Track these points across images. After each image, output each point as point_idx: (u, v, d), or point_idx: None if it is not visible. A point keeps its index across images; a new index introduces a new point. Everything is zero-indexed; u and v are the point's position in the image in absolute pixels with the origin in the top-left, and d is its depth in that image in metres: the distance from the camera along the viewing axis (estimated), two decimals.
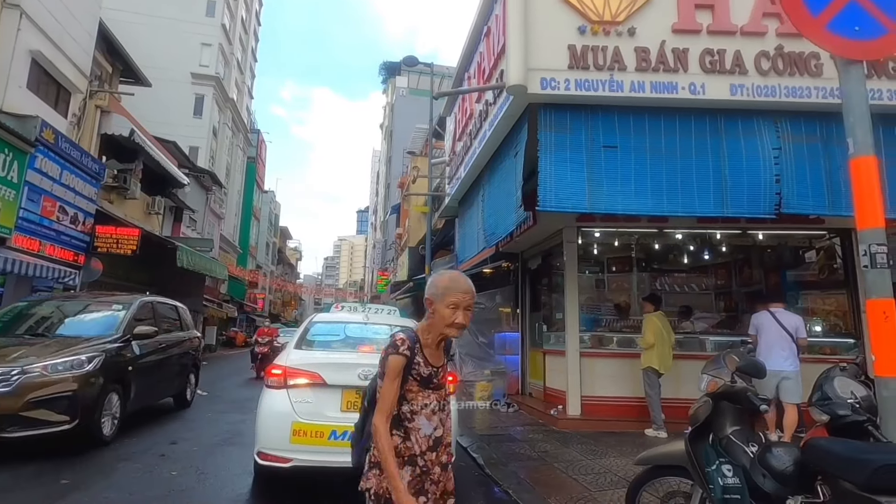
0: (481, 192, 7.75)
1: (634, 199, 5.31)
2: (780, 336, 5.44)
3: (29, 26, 11.56)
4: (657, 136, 5.42)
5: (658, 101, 5.36)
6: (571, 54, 5.31)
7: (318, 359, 4.08)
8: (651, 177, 5.33)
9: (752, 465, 2.29)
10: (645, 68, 5.33)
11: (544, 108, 5.43)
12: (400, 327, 5.13)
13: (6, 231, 10.21)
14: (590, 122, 5.42)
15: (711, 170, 5.35)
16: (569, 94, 5.29)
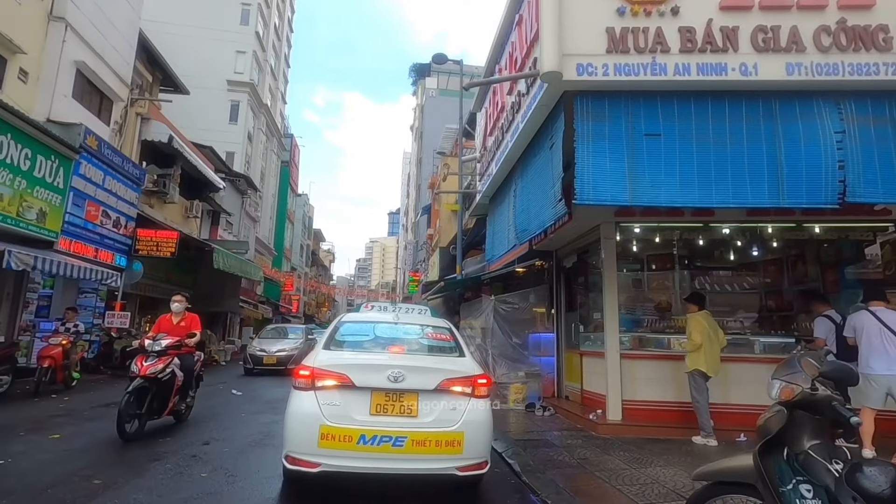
0: (513, 187, 7.49)
1: (680, 191, 4.95)
2: (887, 336, 4.88)
3: (73, 38, 12.02)
4: (704, 121, 5.05)
5: (705, 84, 4.99)
6: (609, 38, 5.01)
7: (347, 359, 3.93)
8: (698, 166, 4.96)
9: (838, 486, 1.98)
10: (690, 49, 4.97)
11: (581, 95, 5.14)
12: (432, 327, 4.97)
13: (53, 235, 10.61)
14: (630, 109, 5.10)
15: (766, 157, 4.94)
16: (607, 80, 4.99)
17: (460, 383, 3.83)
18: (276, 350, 14.63)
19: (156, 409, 5.80)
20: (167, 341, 5.91)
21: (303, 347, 14.38)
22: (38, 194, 10.07)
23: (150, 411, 5.69)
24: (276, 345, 15.03)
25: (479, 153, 9.81)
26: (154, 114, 16.44)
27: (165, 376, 5.77)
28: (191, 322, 6.55)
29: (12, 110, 9.30)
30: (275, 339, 15.88)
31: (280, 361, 14.22)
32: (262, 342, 15.49)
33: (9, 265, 7.95)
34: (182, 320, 6.53)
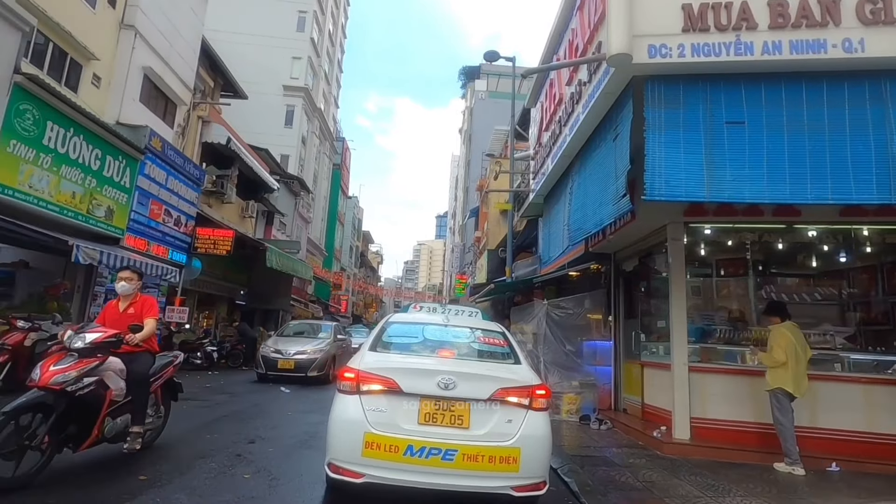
0: (569, 185, 7.04)
1: (767, 186, 4.38)
2: None
3: (142, 45, 12.61)
4: (797, 107, 4.45)
5: (800, 63, 4.40)
6: (687, 14, 4.51)
7: (394, 363, 3.68)
8: (790, 157, 4.37)
9: None
10: (782, 25, 4.39)
11: (652, 80, 4.67)
12: (484, 330, 4.65)
13: (119, 231, 11.12)
14: (709, 95, 4.58)
15: (874, 147, 4.29)
16: (683, 62, 4.50)
17: (517, 393, 3.49)
18: (295, 352, 11.74)
19: (72, 437, 3.83)
20: (95, 335, 3.97)
21: (329, 350, 12.24)
22: (107, 193, 10.58)
23: (59, 441, 3.74)
24: (295, 345, 12.08)
25: (532, 150, 9.39)
26: (214, 117, 17.10)
27: (82, 389, 3.73)
28: (143, 307, 4.63)
29: (86, 113, 9.81)
30: (296, 339, 12.72)
31: (299, 366, 11.47)
32: (279, 342, 12.44)
33: (77, 259, 8.33)
34: (131, 305, 4.62)
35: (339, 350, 12.96)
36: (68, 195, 9.50)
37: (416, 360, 3.82)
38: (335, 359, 12.31)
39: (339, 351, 12.82)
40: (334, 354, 12.41)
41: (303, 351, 11.88)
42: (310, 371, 11.49)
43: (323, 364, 11.74)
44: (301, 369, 11.49)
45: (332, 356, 12.22)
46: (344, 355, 13.22)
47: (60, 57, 10.49)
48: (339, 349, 13.01)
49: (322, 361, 11.80)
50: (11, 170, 8.24)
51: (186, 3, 14.70)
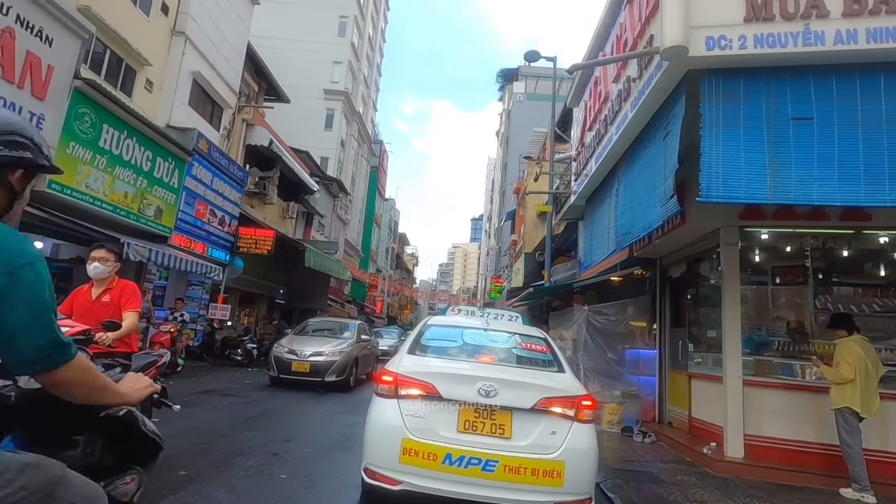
0: (615, 186, 6.77)
1: (839, 187, 4.02)
2: None
3: (191, 50, 13.08)
4: (874, 101, 4.07)
5: (878, 53, 4.02)
6: (749, 4, 4.21)
7: (433, 367, 3.56)
8: (865, 156, 4.00)
9: None
10: (857, 12, 4.03)
11: (709, 74, 4.39)
12: (526, 336, 4.48)
13: (167, 230, 11.53)
14: (773, 89, 4.25)
15: None
16: (744, 55, 4.20)
17: (561, 403, 3.31)
18: (311, 353, 10.14)
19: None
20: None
21: (350, 352, 10.63)
22: (157, 193, 10.99)
23: None
24: (312, 346, 10.46)
25: (575, 151, 9.11)
26: (257, 120, 17.57)
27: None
28: (121, 295, 3.75)
29: (140, 117, 10.24)
30: (314, 338, 11.12)
31: (315, 370, 9.93)
32: (294, 341, 10.82)
33: (127, 256, 8.66)
34: (107, 292, 3.74)
35: (364, 352, 11.69)
36: (121, 195, 9.92)
37: (455, 364, 3.70)
38: (358, 362, 11.01)
39: (362, 353, 11.49)
40: (357, 357, 10.94)
41: (320, 352, 10.22)
42: (327, 375, 9.93)
43: (343, 367, 10.26)
44: (317, 373, 9.93)
45: (353, 359, 10.73)
46: (368, 358, 12.23)
47: (117, 63, 11.00)
48: (364, 351, 11.70)
49: (342, 364, 10.24)
50: (70, 170, 8.65)
51: (233, 9, 15.18)
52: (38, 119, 7.91)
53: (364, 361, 11.65)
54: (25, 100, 7.70)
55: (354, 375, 10.76)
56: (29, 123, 1.47)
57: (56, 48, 8.16)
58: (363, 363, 11.57)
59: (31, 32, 7.76)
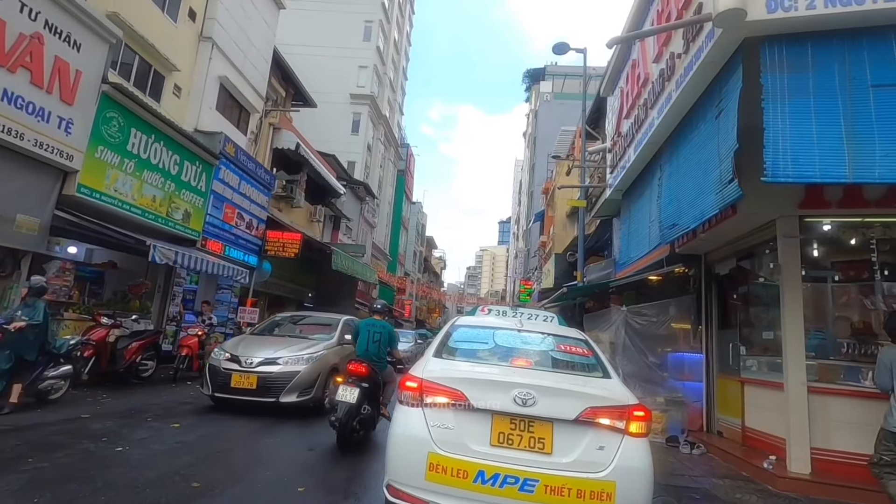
0: (657, 175, 6.25)
1: None
2: None
3: (218, 55, 13.15)
4: None
5: None
6: None
7: (462, 372, 3.19)
8: None
9: None
10: None
11: (770, 41, 3.89)
12: (564, 337, 4.06)
13: (196, 234, 11.55)
14: (847, 54, 3.72)
15: None
16: (812, 16, 3.69)
17: (610, 414, 2.88)
18: (261, 362, 6.76)
19: None
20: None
21: (323, 360, 7.24)
22: (185, 196, 11.02)
23: None
24: (266, 350, 7.04)
25: (610, 142, 8.60)
26: (284, 123, 17.62)
27: None
28: None
29: (167, 121, 10.27)
30: (273, 340, 7.67)
31: (265, 386, 6.60)
32: (243, 343, 7.42)
33: (154, 259, 8.62)
34: None
35: (344, 359, 7.39)
36: (149, 199, 9.95)
37: (486, 369, 3.31)
38: (338, 373, 7.09)
39: (342, 361, 7.41)
40: (334, 366, 7.43)
41: (274, 359, 6.80)
42: (284, 394, 6.56)
43: (309, 382, 6.84)
44: (268, 391, 6.57)
45: (329, 369, 7.29)
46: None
47: (146, 69, 11.10)
48: (343, 359, 7.49)
49: (308, 378, 6.81)
50: (99, 174, 8.70)
51: (259, 14, 15.25)
52: (66, 123, 7.97)
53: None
54: (54, 104, 7.75)
55: (330, 394, 6.88)
56: None
57: (84, 53, 8.21)
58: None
59: (60, 38, 7.82)
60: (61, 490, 3.31)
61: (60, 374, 6.49)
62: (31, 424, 5.13)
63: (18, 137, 7.21)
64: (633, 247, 7.50)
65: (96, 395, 7.07)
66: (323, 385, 7.18)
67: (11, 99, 7.11)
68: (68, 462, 3.95)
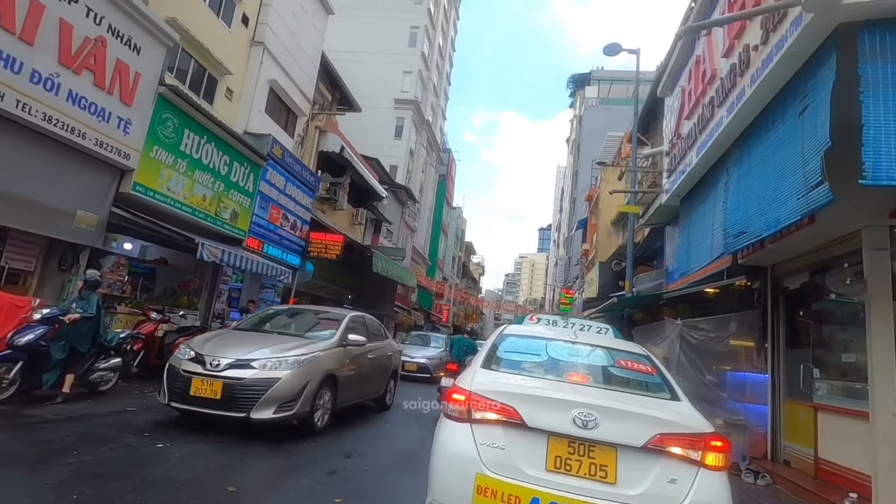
0: (723, 179, 5.78)
1: None
2: None
3: (269, 60, 13.45)
4: None
5: None
6: None
7: (515, 387, 2.92)
8: None
9: None
10: None
11: (870, 26, 3.44)
12: (624, 352, 3.72)
13: (242, 233, 11.77)
14: None
15: None
16: None
17: (683, 443, 2.55)
18: (230, 365, 5.22)
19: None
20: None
21: (316, 363, 5.66)
22: (233, 196, 11.26)
23: None
24: (239, 349, 5.53)
25: (668, 144, 8.10)
26: (330, 127, 17.88)
27: None
28: None
29: (220, 123, 10.54)
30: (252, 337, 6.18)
31: (232, 396, 5.03)
32: (214, 340, 5.90)
33: (202, 256, 8.80)
34: None
35: (347, 364, 6.36)
36: (199, 198, 10.20)
37: (541, 384, 3.03)
38: (337, 382, 6.03)
39: (345, 366, 6.28)
40: (331, 373, 5.90)
41: (247, 362, 5.27)
42: (256, 408, 5.01)
43: (292, 393, 5.24)
44: (235, 402, 5.02)
45: (323, 376, 5.68)
46: (374, 376, 7.40)
47: (200, 73, 11.45)
48: (346, 364, 6.33)
49: (290, 388, 5.21)
50: (153, 173, 8.97)
51: (309, 19, 15.54)
52: (125, 124, 8.25)
53: (349, 380, 6.44)
54: (114, 105, 8.04)
55: (325, 406, 5.84)
56: None
57: (143, 56, 8.50)
58: (347, 383, 6.39)
59: (121, 41, 8.11)
60: (101, 486, 3.28)
61: (110, 366, 6.66)
62: (81, 415, 5.23)
63: (81, 136, 7.50)
64: (692, 256, 7.00)
65: (144, 388, 7.22)
66: (313, 397, 5.31)
67: (76, 100, 7.41)
68: (111, 457, 3.94)
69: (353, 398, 6.78)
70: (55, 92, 7.11)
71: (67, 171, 7.55)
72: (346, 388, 6.31)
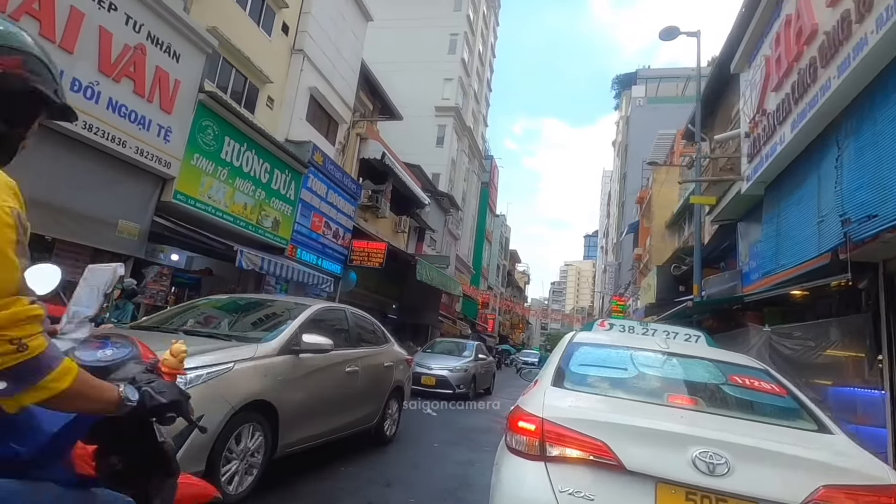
0: (832, 153, 4.82)
1: None
2: None
3: (309, 67, 13.34)
4: None
5: None
6: None
7: (603, 413, 2.21)
8: None
9: None
10: None
11: None
12: (733, 365, 2.92)
13: (284, 242, 11.56)
14: None
15: None
16: None
17: (860, 499, 1.76)
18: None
19: None
20: None
21: (223, 384, 3.24)
22: (274, 204, 11.07)
23: None
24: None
25: (746, 126, 7.09)
26: (371, 133, 17.67)
27: None
28: None
29: (260, 130, 10.40)
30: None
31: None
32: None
33: (241, 264, 8.55)
34: None
35: (299, 383, 4.06)
36: (241, 206, 10.04)
37: (638, 409, 2.28)
38: (276, 413, 3.72)
39: (294, 386, 3.99)
40: (261, 399, 3.59)
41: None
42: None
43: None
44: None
45: (237, 406, 3.33)
46: (316, 396, 4.46)
47: (241, 82, 11.41)
48: (297, 381, 4.03)
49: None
50: (194, 181, 8.84)
51: (349, 27, 15.43)
52: (165, 132, 8.15)
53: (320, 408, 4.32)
54: (154, 113, 7.95)
55: (252, 460, 3.41)
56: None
57: (182, 63, 8.41)
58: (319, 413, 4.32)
59: (161, 49, 8.04)
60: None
61: None
62: None
63: (121, 145, 7.41)
64: (782, 252, 5.99)
65: None
66: (225, 439, 3.22)
67: (116, 108, 7.33)
68: None
69: (317, 435, 4.32)
70: (95, 100, 7.04)
71: (109, 180, 7.47)
72: (295, 422, 3.93)
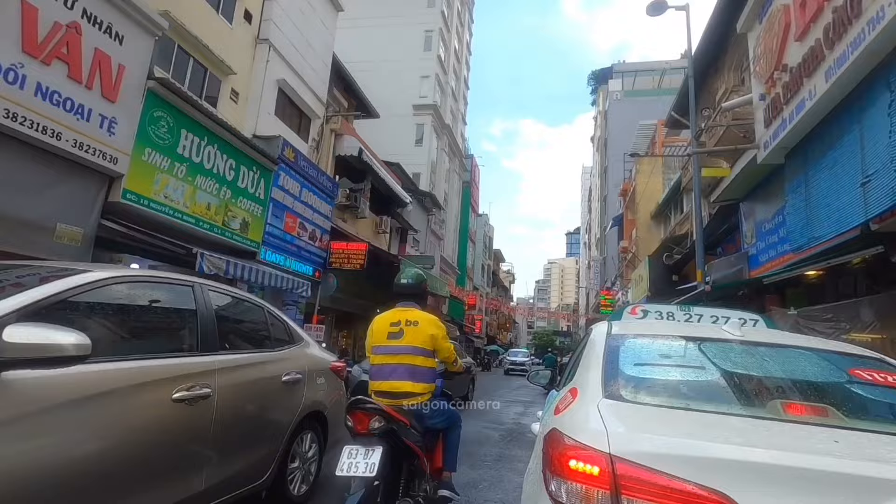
0: (884, 98, 4.15)
1: None
2: None
3: (276, 58, 12.43)
4: None
5: None
6: None
7: (707, 443, 1.41)
8: None
9: None
10: None
11: None
12: (834, 353, 2.16)
13: (255, 245, 10.61)
14: None
15: None
16: None
17: None
18: None
19: None
20: None
21: None
22: (242, 204, 10.13)
23: None
24: None
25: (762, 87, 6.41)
26: (347, 129, 16.78)
27: None
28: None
29: (222, 122, 9.46)
30: None
31: None
32: None
33: (201, 269, 7.63)
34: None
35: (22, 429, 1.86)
36: (203, 206, 9.08)
37: (757, 431, 1.49)
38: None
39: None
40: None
41: None
42: None
43: None
44: None
45: None
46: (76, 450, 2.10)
47: (201, 73, 10.46)
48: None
49: None
50: (147, 179, 7.87)
51: (317, 16, 14.55)
52: (109, 123, 7.18)
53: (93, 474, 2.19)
54: (95, 101, 6.98)
55: None
56: None
57: (127, 46, 7.45)
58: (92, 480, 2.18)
59: (100, 29, 7.07)
60: None
61: None
62: None
63: (55, 137, 6.43)
64: (818, 222, 5.33)
65: None
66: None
67: (46, 94, 6.35)
68: None
69: None
70: (20, 85, 6.05)
71: (42, 178, 6.48)
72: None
